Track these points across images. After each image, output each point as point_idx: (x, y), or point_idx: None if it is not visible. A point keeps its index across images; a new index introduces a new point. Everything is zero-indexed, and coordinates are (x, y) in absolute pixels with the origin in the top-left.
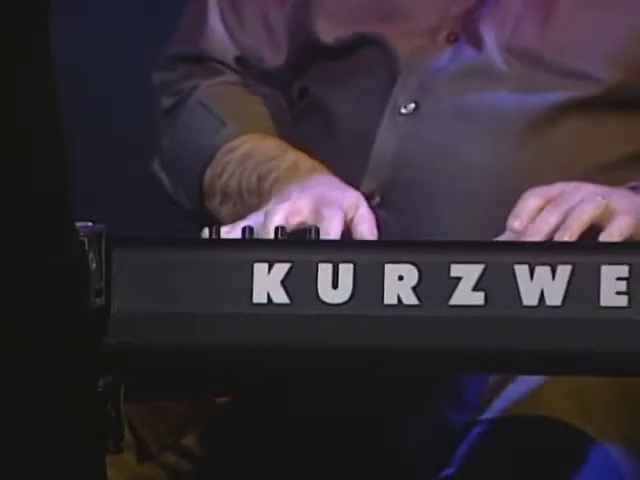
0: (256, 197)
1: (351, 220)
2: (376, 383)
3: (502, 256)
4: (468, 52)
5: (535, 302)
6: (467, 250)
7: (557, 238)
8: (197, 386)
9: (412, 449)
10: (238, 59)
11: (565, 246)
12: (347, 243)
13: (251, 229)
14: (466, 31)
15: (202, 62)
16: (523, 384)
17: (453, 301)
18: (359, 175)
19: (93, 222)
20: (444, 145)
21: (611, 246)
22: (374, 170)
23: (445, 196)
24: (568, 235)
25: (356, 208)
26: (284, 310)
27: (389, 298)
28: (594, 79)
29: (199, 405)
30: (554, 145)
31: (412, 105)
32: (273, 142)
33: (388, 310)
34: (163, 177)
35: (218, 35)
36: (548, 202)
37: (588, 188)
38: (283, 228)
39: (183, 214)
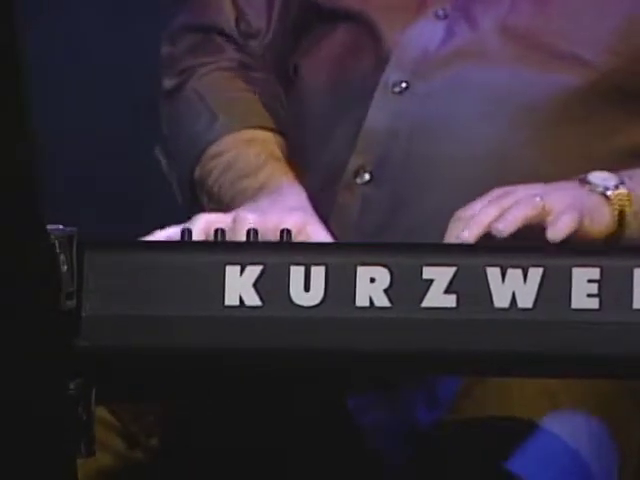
0: None
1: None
2: (348, 384)
3: (474, 258)
4: (461, 31)
5: (507, 304)
6: (439, 252)
7: (493, 227)
8: (168, 388)
9: (383, 448)
10: (238, 28)
11: (536, 249)
12: (319, 245)
13: (223, 231)
14: (457, 8)
15: (206, 33)
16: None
17: (425, 303)
18: (347, 151)
19: (64, 225)
20: (435, 124)
21: (582, 249)
22: (364, 146)
23: (433, 175)
24: (502, 225)
25: (302, 229)
26: (256, 312)
27: (361, 300)
28: (589, 64)
29: (166, 406)
30: (547, 131)
31: (404, 84)
32: (256, 150)
33: (360, 312)
34: (163, 162)
35: (223, 3)
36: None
37: (527, 189)
38: (255, 231)
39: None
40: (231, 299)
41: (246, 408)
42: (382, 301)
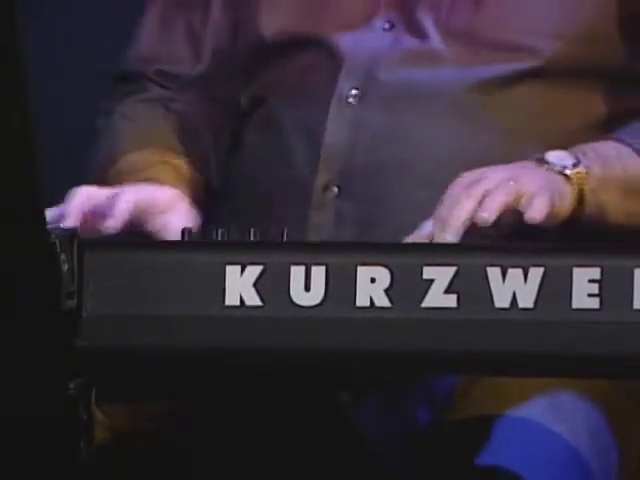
0: None
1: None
2: (348, 384)
3: (474, 258)
4: (407, 39)
5: (507, 304)
6: (439, 252)
7: (478, 216)
8: (169, 389)
9: (383, 448)
10: (160, 71)
11: (537, 248)
12: (319, 245)
13: (218, 231)
14: (403, 18)
15: (133, 80)
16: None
17: (425, 303)
18: (312, 169)
19: None
20: (393, 129)
21: (583, 248)
22: (327, 162)
23: (400, 180)
24: (487, 213)
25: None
26: (256, 312)
27: (361, 300)
28: (532, 51)
29: (169, 407)
30: (501, 121)
31: (358, 93)
32: (150, 151)
33: (360, 312)
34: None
35: (148, 49)
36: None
37: (496, 173)
38: (256, 231)
39: None
40: (231, 299)
41: (246, 408)
42: (382, 301)
